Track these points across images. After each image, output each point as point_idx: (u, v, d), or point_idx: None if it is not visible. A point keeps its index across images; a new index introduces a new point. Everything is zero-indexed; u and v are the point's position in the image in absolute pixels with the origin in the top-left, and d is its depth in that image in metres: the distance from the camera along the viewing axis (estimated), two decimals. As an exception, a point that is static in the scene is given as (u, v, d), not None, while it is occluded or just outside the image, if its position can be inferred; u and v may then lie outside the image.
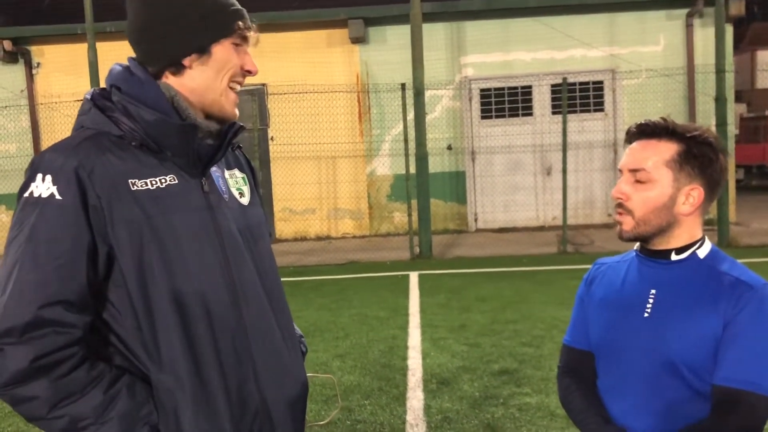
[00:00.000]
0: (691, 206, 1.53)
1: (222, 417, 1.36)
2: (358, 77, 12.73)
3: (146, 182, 1.34)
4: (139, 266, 1.31)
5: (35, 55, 13.11)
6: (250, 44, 1.44)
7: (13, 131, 13.18)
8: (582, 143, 12.31)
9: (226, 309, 1.38)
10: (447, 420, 4.11)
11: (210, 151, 1.43)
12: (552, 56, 12.49)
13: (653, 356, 1.52)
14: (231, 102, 1.43)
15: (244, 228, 1.46)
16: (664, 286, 1.56)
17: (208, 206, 1.40)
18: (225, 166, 1.50)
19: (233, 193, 1.47)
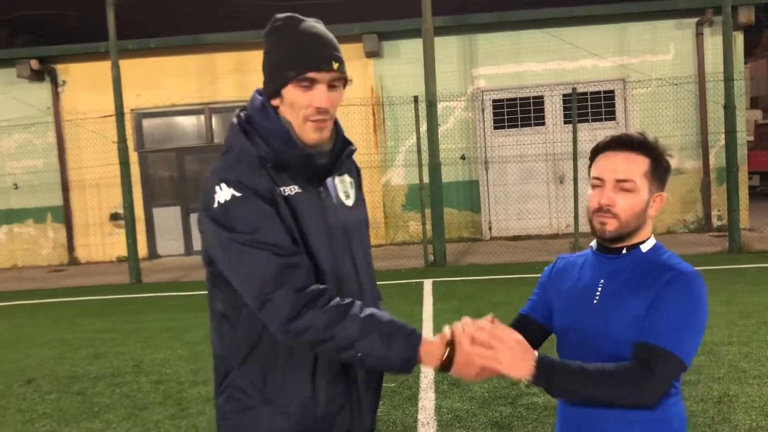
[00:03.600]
0: (655, 210, 1.75)
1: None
2: (373, 90, 13.00)
3: (286, 189, 1.71)
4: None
5: (61, 73, 13.54)
6: (321, 82, 1.68)
7: (40, 147, 13.60)
8: (594, 152, 12.46)
9: (332, 285, 1.72)
10: (457, 418, 4.32)
11: (326, 167, 1.77)
12: (563, 67, 12.69)
13: (600, 337, 1.72)
14: (308, 132, 1.71)
15: (346, 225, 1.79)
16: (610, 277, 1.76)
17: (323, 209, 1.74)
18: (338, 174, 1.84)
19: (340, 196, 1.81)
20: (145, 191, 13.57)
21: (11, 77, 13.23)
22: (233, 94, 13.25)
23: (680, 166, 12.61)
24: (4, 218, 13.62)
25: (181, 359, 5.98)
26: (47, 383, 5.56)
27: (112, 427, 4.48)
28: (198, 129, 13.73)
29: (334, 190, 1.79)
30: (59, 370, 5.94)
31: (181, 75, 13.21)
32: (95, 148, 13.02)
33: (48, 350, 6.68)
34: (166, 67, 13.22)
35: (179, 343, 6.54)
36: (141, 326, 7.45)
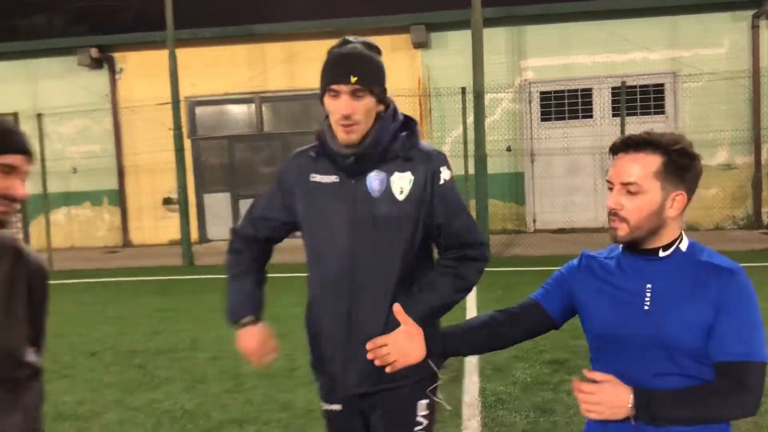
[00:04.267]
0: (676, 210, 1.68)
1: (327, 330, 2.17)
2: (420, 81, 13.13)
3: (320, 176, 2.15)
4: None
5: (118, 61, 14.03)
6: (344, 93, 2.03)
7: (97, 133, 14.13)
8: (642, 146, 12.34)
9: (324, 255, 2.14)
10: (500, 401, 4.47)
11: (356, 164, 2.09)
12: (612, 59, 12.60)
13: (654, 345, 1.66)
14: (339, 134, 2.07)
15: (378, 217, 2.07)
16: (658, 281, 1.70)
17: (353, 198, 2.09)
18: (398, 170, 2.10)
19: (392, 190, 2.08)
20: (197, 177, 13.99)
21: (72, 65, 13.77)
22: (283, 84, 13.55)
23: (731, 161, 12.43)
24: (63, 200, 14.19)
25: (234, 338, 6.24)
26: (110, 356, 5.91)
27: (173, 398, 4.77)
28: (248, 118, 14.07)
29: (383, 185, 2.09)
30: (120, 344, 6.29)
31: (233, 64, 13.55)
32: (150, 135, 13.47)
33: (109, 326, 7.05)
34: (218, 56, 13.58)
35: (232, 322, 6.84)
36: (195, 306, 7.79)
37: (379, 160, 2.09)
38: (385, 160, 2.09)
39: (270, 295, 2.37)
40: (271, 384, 4.96)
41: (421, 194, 2.09)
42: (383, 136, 2.08)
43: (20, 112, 14.11)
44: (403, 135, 2.12)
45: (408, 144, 2.12)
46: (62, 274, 10.40)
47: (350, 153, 2.07)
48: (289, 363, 5.41)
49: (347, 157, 2.08)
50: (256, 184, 13.94)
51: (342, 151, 2.09)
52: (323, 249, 2.14)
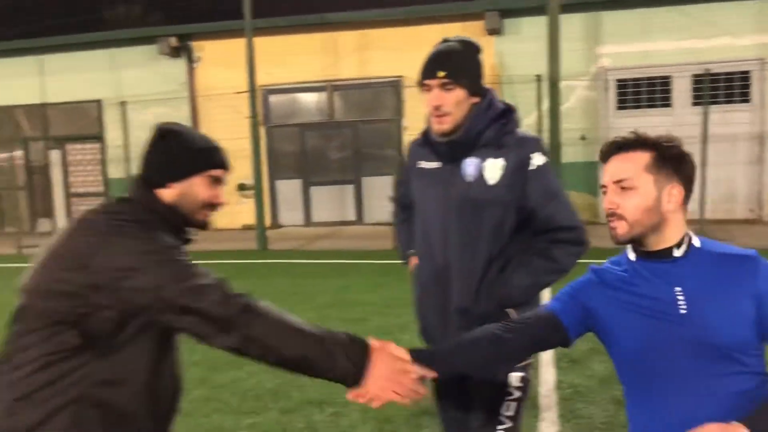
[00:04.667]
0: (674, 204, 1.66)
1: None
2: (493, 68, 12.98)
3: (426, 163, 2.37)
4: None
5: (196, 49, 14.43)
6: (433, 87, 2.24)
7: (175, 120, 14.32)
8: (725, 136, 11.88)
9: (425, 235, 2.35)
10: (577, 393, 4.43)
11: (451, 150, 2.27)
12: (695, 45, 12.13)
13: (702, 348, 1.61)
14: (433, 124, 2.27)
15: (473, 199, 2.23)
16: (686, 282, 1.64)
17: (449, 183, 2.28)
18: (492, 156, 2.24)
19: (485, 176, 2.23)
20: (270, 164, 14.28)
21: (153, 53, 14.25)
22: (355, 73, 13.65)
23: (821, 152, 11.81)
24: (143, 185, 14.71)
25: (311, 321, 6.39)
26: (193, 335, 6.14)
27: (255, 377, 4.93)
28: (320, 106, 14.25)
29: (477, 170, 2.24)
30: (202, 324, 6.52)
31: (306, 53, 13.73)
32: (225, 122, 13.81)
33: (190, 306, 7.31)
34: (292, 45, 13.78)
35: (308, 306, 7.00)
36: (271, 289, 7.99)
37: (473, 146, 2.23)
38: (479, 147, 2.23)
39: (341, 279, 2.53)
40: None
41: (512, 179, 2.20)
42: (476, 124, 2.22)
43: (104, 99, 14.80)
44: (498, 124, 2.25)
45: (502, 132, 2.24)
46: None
47: (445, 141, 2.25)
48: (365, 348, 5.51)
49: (442, 145, 2.27)
50: (327, 172, 14.15)
51: (438, 139, 2.27)
52: (424, 229, 2.35)
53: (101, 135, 15.04)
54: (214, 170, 1.83)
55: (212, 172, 1.83)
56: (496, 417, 2.24)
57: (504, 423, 2.24)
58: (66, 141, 15.34)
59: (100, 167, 15.26)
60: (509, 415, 2.25)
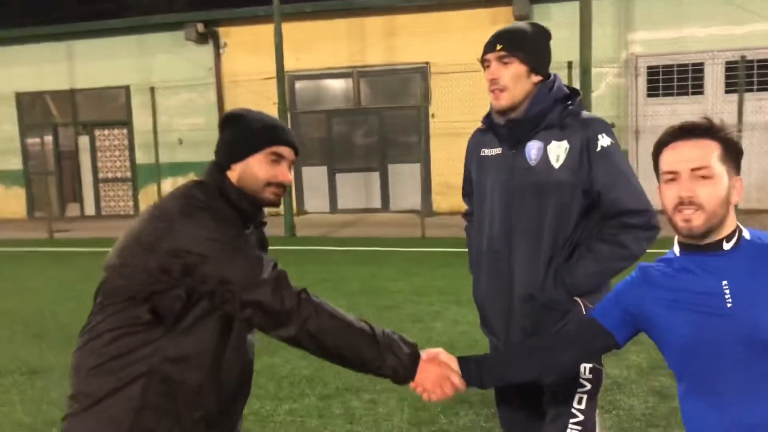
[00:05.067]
0: (738, 195, 1.63)
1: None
2: (520, 55, 12.83)
3: (488, 150, 2.32)
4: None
5: (222, 36, 14.45)
6: (492, 60, 2.21)
7: (202, 106, 14.65)
8: (759, 124, 11.65)
9: (484, 224, 2.29)
10: (616, 384, 4.39)
11: (511, 133, 2.22)
12: (730, 32, 11.89)
13: (749, 343, 1.56)
14: (492, 100, 2.22)
15: (536, 184, 2.17)
16: (733, 275, 1.60)
17: (511, 168, 2.23)
18: (555, 138, 2.17)
19: (549, 159, 2.16)
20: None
21: (180, 39, 14.30)
22: (381, 59, 13.58)
23: None
24: (169, 171, 14.81)
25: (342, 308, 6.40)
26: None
27: (291, 364, 4.95)
28: (346, 92, 14.21)
29: (540, 153, 2.17)
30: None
31: (333, 39, 13.68)
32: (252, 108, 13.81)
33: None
34: (319, 30, 13.74)
35: (338, 293, 7.00)
36: (301, 276, 7.92)
37: (535, 128, 2.17)
38: (542, 129, 2.17)
39: (371, 267, 2.49)
40: (382, 355, 5.06)
41: (577, 162, 2.13)
42: (537, 104, 2.17)
43: (132, 85, 14.89)
44: (562, 106, 2.18)
45: (565, 113, 2.16)
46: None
47: (505, 122, 2.21)
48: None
49: (503, 128, 2.21)
50: (353, 159, 14.13)
51: (499, 121, 2.23)
52: (485, 217, 2.28)
53: (129, 120, 15.15)
54: (273, 147, 1.85)
55: (271, 149, 1.85)
56: (568, 410, 2.17)
57: (576, 416, 2.17)
58: (94, 126, 15.48)
59: (127, 153, 15.39)
60: (581, 408, 2.17)
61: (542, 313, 2.17)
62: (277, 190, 1.87)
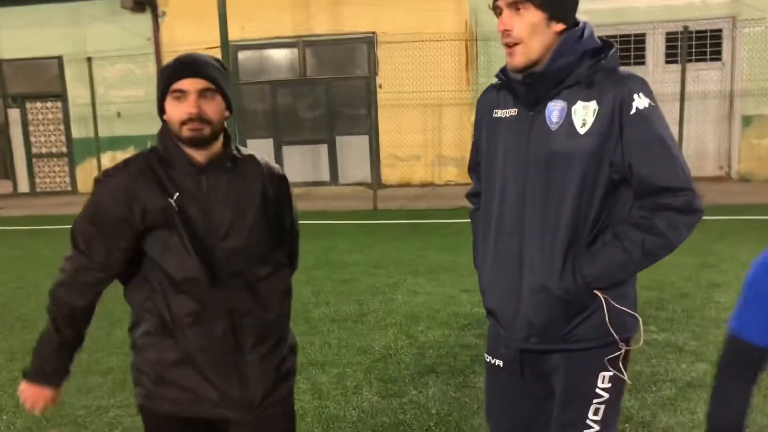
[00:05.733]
0: None
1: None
2: (467, 25, 12.82)
3: (501, 111, 1.95)
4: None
5: (161, 4, 13.89)
6: (502, 7, 1.83)
7: (141, 77, 14.11)
8: (695, 94, 12.01)
9: (492, 196, 1.95)
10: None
11: (530, 92, 1.85)
12: (669, 3, 12.14)
13: None
14: (507, 57, 1.86)
15: (553, 153, 1.81)
16: None
17: (528, 132, 1.85)
18: (582, 98, 1.79)
19: (574, 122, 1.79)
20: (240, 123, 13.97)
21: (115, 7, 13.67)
22: (327, 28, 13.34)
23: (789, 111, 12.05)
24: (108, 145, 14.27)
25: (301, 283, 6.34)
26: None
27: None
28: (291, 62, 13.92)
29: (563, 116, 1.80)
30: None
31: (277, 8, 13.34)
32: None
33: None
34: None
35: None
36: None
37: (557, 84, 1.80)
38: (567, 87, 1.80)
39: (325, 240, 2.36)
40: (344, 328, 5.02)
41: (607, 127, 1.75)
42: (562, 56, 1.79)
43: (65, 56, 14.21)
44: (592, 60, 1.80)
45: (596, 68, 1.79)
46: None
47: (523, 77, 1.84)
48: (359, 308, 5.47)
49: (520, 84, 1.85)
50: (300, 131, 13.91)
51: (515, 76, 1.87)
52: (493, 188, 1.93)
53: (63, 93, 14.49)
54: (172, 86, 1.84)
55: (172, 88, 1.84)
56: (582, 421, 1.88)
57: (591, 427, 1.88)
58: (26, 99, 14.73)
59: (62, 126, 14.74)
60: (597, 419, 1.88)
61: (555, 307, 1.83)
62: (192, 125, 1.83)
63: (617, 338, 1.84)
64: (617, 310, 1.83)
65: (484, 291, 2.01)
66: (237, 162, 1.97)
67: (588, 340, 1.85)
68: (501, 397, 2.06)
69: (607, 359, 1.85)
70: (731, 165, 12.54)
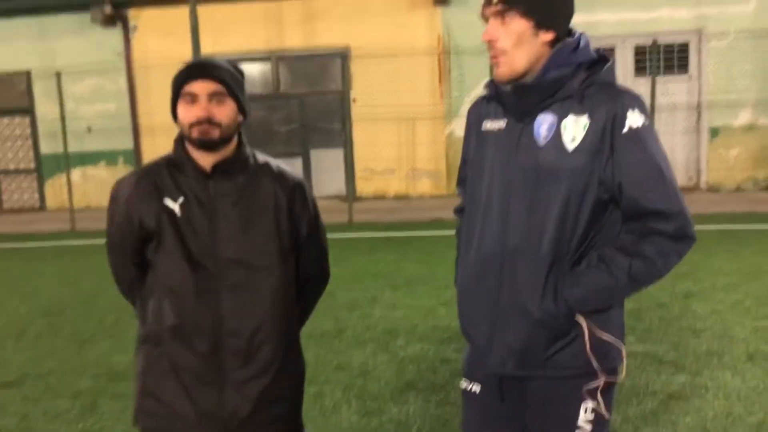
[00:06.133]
0: None
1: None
2: (440, 39, 12.90)
3: (491, 123, 1.87)
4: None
5: (132, 18, 13.76)
6: (489, 15, 1.81)
7: (112, 92, 13.94)
8: (664, 106, 12.20)
9: (476, 211, 1.86)
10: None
11: (519, 103, 1.78)
12: (637, 17, 12.36)
13: None
14: (494, 69, 1.80)
15: (538, 168, 1.72)
16: None
17: (515, 146, 1.77)
18: (574, 112, 1.70)
19: (563, 137, 1.70)
20: (213, 137, 13.85)
21: (85, 22, 13.52)
22: (300, 43, 13.33)
23: (755, 122, 12.31)
24: (79, 160, 14.04)
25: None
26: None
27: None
28: (265, 77, 13.87)
29: (552, 130, 1.71)
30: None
31: (250, 22, 13.30)
32: (165, 94, 13.07)
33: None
34: (235, 13, 13.31)
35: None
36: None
37: (548, 97, 1.72)
38: (558, 100, 1.71)
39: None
40: (321, 345, 4.95)
41: (598, 144, 1.67)
42: (555, 67, 1.71)
43: (33, 70, 13.97)
44: (586, 72, 1.72)
45: (589, 82, 1.71)
46: (87, 235, 10.37)
47: (513, 87, 1.76)
48: (336, 324, 5.42)
49: (509, 95, 1.77)
50: (274, 144, 13.84)
51: (504, 87, 1.79)
52: (478, 203, 1.84)
53: (31, 108, 14.24)
54: (183, 88, 1.85)
55: (183, 91, 1.85)
56: None
57: None
58: (-8, 114, 14.46)
59: (30, 142, 14.47)
60: None
61: (535, 331, 1.73)
62: (200, 128, 1.84)
63: (597, 368, 1.73)
64: (599, 338, 1.73)
65: (461, 311, 1.90)
66: (249, 168, 1.95)
67: (569, 368, 1.75)
68: (479, 427, 1.93)
69: (587, 389, 1.75)
70: (700, 175, 12.75)
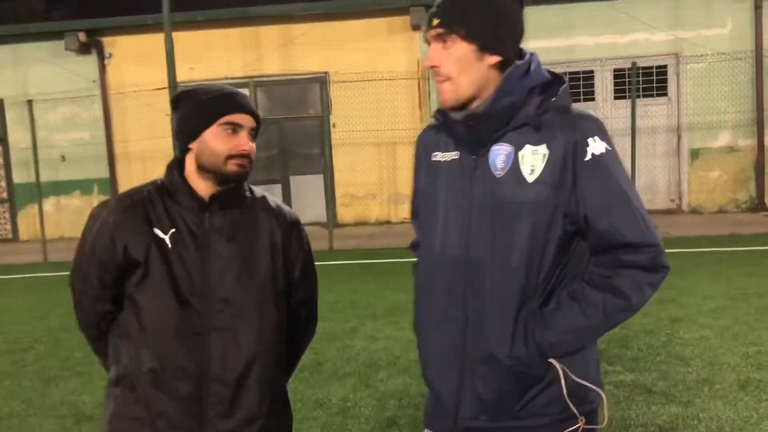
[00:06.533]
0: None
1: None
2: (419, 63, 12.87)
3: (441, 154, 1.73)
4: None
5: (107, 45, 13.60)
6: (430, 40, 1.67)
7: (86, 119, 13.72)
8: (644, 128, 12.23)
9: (432, 251, 1.71)
10: None
11: (469, 134, 1.65)
12: (615, 41, 12.43)
13: None
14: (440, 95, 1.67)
15: (496, 202, 1.59)
16: None
17: (470, 179, 1.63)
18: (531, 142, 1.59)
19: (521, 169, 1.58)
20: (191, 164, 13.65)
21: (59, 50, 13.33)
22: (278, 68, 13.23)
23: (734, 143, 12.37)
24: (52, 190, 13.76)
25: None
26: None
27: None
28: (243, 102, 13.73)
29: (509, 161, 1.58)
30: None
31: (227, 48, 13.20)
32: (141, 122, 13.10)
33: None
34: (211, 40, 13.21)
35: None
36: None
37: (502, 126, 1.60)
38: (513, 128, 1.60)
39: None
40: (299, 379, 4.73)
41: (559, 175, 1.55)
42: (507, 94, 1.59)
43: (5, 98, 13.73)
44: (540, 97, 1.61)
45: (545, 107, 1.59)
46: (60, 267, 10.07)
47: (463, 117, 1.63)
48: (314, 357, 5.20)
49: (460, 125, 1.64)
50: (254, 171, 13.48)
51: (455, 116, 1.65)
52: (434, 240, 1.69)
53: (3, 137, 13.96)
54: (226, 117, 1.74)
55: (224, 119, 1.74)
56: None
57: None
58: (-37, 144, 14.15)
59: (2, 171, 14.17)
60: None
61: (506, 379, 1.59)
62: (241, 161, 1.75)
63: (576, 411, 1.60)
64: (576, 381, 1.60)
65: (424, 361, 1.74)
66: (246, 202, 1.84)
67: (546, 415, 1.61)
68: None
69: None
70: (682, 198, 12.75)
